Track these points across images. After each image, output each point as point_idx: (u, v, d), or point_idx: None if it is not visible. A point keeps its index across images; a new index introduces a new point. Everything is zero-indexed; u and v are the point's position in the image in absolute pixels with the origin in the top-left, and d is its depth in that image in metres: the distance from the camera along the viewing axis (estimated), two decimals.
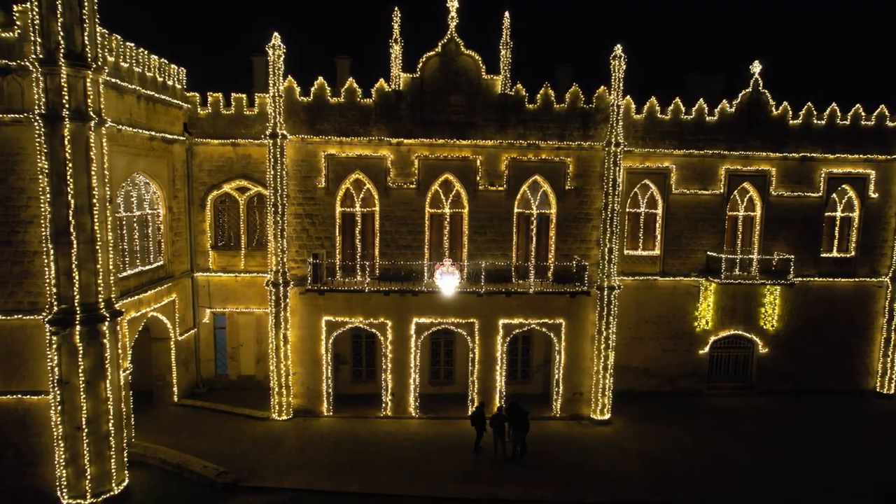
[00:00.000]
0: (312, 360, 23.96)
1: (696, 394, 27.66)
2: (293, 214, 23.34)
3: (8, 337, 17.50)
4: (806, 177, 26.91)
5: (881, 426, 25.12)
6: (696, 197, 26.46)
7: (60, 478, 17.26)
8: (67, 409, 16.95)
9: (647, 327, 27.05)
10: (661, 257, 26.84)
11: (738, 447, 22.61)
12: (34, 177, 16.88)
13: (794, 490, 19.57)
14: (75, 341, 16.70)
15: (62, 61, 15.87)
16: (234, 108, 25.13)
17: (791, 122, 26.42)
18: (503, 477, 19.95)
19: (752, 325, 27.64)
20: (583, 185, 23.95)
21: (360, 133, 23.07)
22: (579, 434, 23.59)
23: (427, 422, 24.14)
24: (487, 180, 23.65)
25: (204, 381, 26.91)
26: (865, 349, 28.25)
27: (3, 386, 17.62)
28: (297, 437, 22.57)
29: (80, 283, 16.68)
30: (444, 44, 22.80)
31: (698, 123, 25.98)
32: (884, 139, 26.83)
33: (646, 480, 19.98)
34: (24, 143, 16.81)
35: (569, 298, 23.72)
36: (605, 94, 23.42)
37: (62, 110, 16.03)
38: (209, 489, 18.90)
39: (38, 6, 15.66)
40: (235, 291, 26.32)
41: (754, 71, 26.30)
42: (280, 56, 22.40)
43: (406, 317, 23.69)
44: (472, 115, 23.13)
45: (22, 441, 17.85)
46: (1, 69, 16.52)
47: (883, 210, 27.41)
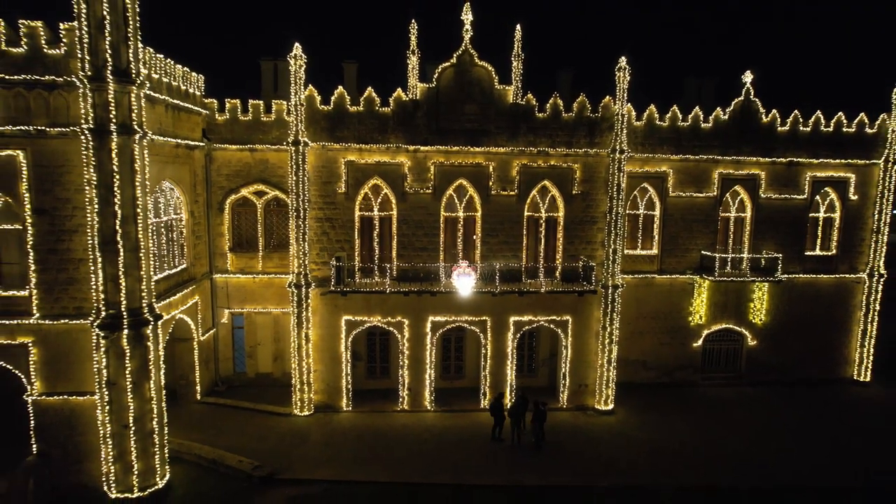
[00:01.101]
0: (332, 358, 25.05)
1: (691, 384, 29.42)
2: (314, 218, 24.31)
3: (55, 341, 18.26)
4: (792, 180, 28.69)
5: (857, 411, 27.12)
6: (692, 199, 28.05)
7: (108, 473, 18.17)
8: (115, 409, 17.82)
9: (646, 322, 28.67)
10: (659, 256, 28.42)
11: (731, 434, 24.33)
12: (79, 188, 17.62)
13: (781, 471, 21.35)
14: (122, 344, 17.57)
15: (110, 78, 16.62)
16: (251, 114, 25.88)
17: (779, 128, 28.11)
18: (520, 465, 21.37)
19: (742, 319, 29.45)
20: (589, 189, 25.36)
21: (378, 140, 24.10)
22: (585, 424, 25.13)
23: (442, 414, 25.45)
24: (499, 185, 24.91)
25: (223, 379, 27.79)
26: (844, 341, 30.30)
27: (51, 387, 18.41)
28: (321, 432, 23.68)
29: (126, 289, 17.53)
30: (458, 55, 23.90)
31: (694, 130, 27.50)
32: (863, 145, 28.71)
33: (651, 466, 21.57)
34: (70, 156, 17.53)
35: (576, 297, 25.17)
36: (610, 103, 24.82)
37: (110, 125, 16.80)
38: (246, 482, 19.95)
39: (86, 25, 16.37)
40: (253, 292, 27.20)
41: (746, 80, 27.88)
42: (301, 66, 23.27)
43: (422, 316, 24.90)
44: (485, 124, 24.32)
45: (68, 440, 18.67)
46: (47, 85, 17.18)
47: (862, 211, 29.37)
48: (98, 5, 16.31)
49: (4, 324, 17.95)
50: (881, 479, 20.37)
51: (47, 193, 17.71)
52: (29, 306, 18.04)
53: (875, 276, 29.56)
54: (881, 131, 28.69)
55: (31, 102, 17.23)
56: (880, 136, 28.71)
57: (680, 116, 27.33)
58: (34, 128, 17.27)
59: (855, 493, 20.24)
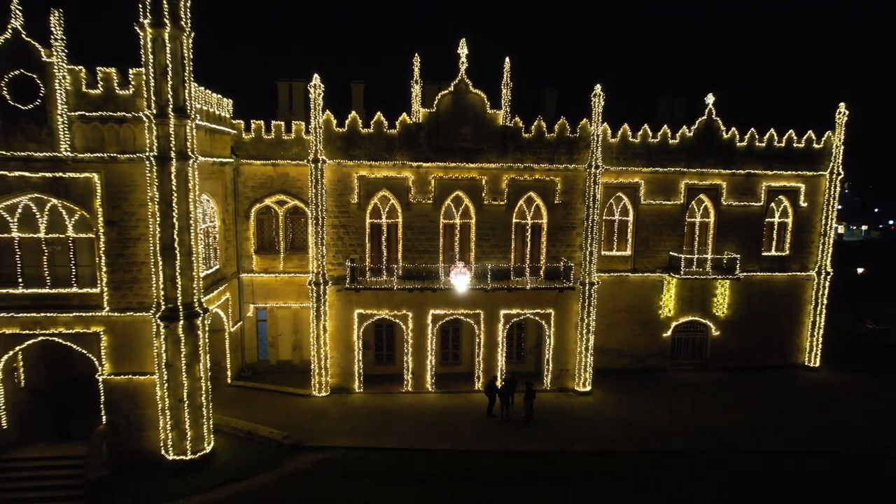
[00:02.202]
0: (346, 346, 28.83)
1: (661, 370, 33.29)
2: (330, 225, 28.06)
3: (121, 330, 21.95)
4: (750, 189, 32.55)
5: (804, 392, 31.09)
6: (661, 207, 31.87)
7: (165, 440, 21.91)
8: (172, 386, 21.55)
9: (620, 315, 32.51)
10: (632, 257, 32.25)
11: (692, 410, 28.22)
12: (143, 203, 21.29)
13: (732, 438, 25.23)
14: (179, 333, 21.29)
15: (171, 114, 20.32)
16: (273, 133, 29.51)
17: (738, 144, 31.95)
18: (508, 435, 25.21)
19: (707, 312, 33.33)
20: (568, 199, 29.19)
21: (386, 158, 27.86)
22: (566, 403, 28.99)
23: (441, 395, 29.26)
24: (491, 196, 28.70)
25: (248, 366, 31.51)
26: (797, 331, 34.23)
27: (117, 368, 22.09)
28: (337, 410, 27.47)
29: (181, 287, 21.24)
30: (455, 84, 27.66)
31: (663, 146, 31.30)
32: (812, 159, 32.59)
33: (619, 436, 25.44)
34: (135, 177, 21.19)
35: (557, 293, 29.01)
36: (587, 125, 28.62)
37: (170, 152, 20.49)
38: (277, 449, 23.71)
39: (152, 71, 20.06)
40: (275, 289, 30.91)
41: (708, 102, 31.67)
42: (320, 94, 26.99)
43: (424, 309, 28.69)
44: (478, 143, 28.10)
45: (132, 412, 22.35)
46: (118, 119, 20.84)
47: (811, 217, 33.26)
48: (162, 55, 20.01)
49: (81, 316, 21.63)
50: (819, 443, 24.40)
51: (116, 208, 21.37)
52: (100, 301, 21.72)
53: (823, 274, 33.50)
54: (827, 147, 32.59)
55: (104, 134, 20.88)
56: (826, 150, 32.62)
57: (650, 134, 31.10)
58: (107, 154, 20.92)
59: (796, 454, 24.12)
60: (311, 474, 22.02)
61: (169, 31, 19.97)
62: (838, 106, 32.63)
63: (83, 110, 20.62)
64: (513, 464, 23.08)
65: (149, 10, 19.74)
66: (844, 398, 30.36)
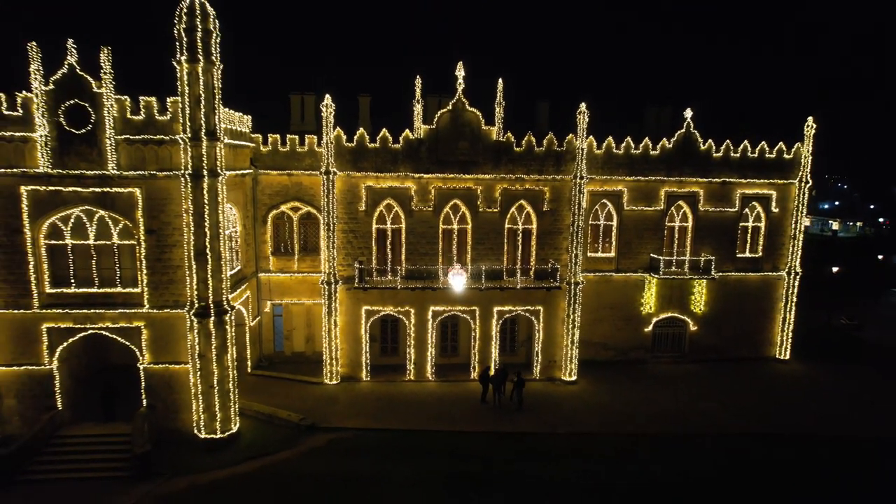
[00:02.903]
0: (354, 339, 31.96)
1: (642, 362, 36.29)
2: (340, 231, 31.13)
3: (159, 325, 25.10)
4: (726, 196, 35.38)
5: (772, 382, 34.05)
6: (643, 212, 34.76)
7: (198, 421, 25.11)
8: (204, 374, 24.72)
9: (605, 311, 35.50)
10: (616, 258, 35.18)
11: (667, 399, 31.21)
12: (178, 214, 24.37)
13: (703, 423, 28.25)
14: (210, 328, 24.44)
15: (203, 137, 23.37)
16: (288, 146, 32.47)
17: (714, 154, 34.75)
18: (500, 419, 28.33)
19: (685, 309, 36.28)
20: (556, 207, 32.14)
21: (390, 170, 30.87)
22: (553, 391, 32.05)
23: (440, 383, 32.38)
24: (486, 204, 31.69)
25: (265, 357, 34.69)
26: (768, 326, 37.15)
27: (155, 358, 25.27)
28: (347, 396, 30.62)
29: (212, 287, 24.37)
30: (453, 103, 30.58)
31: (644, 156, 34.13)
32: (782, 168, 35.38)
33: (598, 421, 28.49)
34: (171, 192, 24.26)
35: (545, 291, 32.01)
36: (573, 139, 31.51)
37: (203, 170, 23.56)
38: (294, 430, 26.87)
39: (188, 100, 23.10)
40: (290, 287, 34.01)
41: (687, 116, 34.45)
42: (331, 112, 29.98)
43: (425, 306, 31.76)
44: (474, 156, 31.06)
45: (167, 397, 25.54)
46: (157, 141, 23.89)
47: (782, 221, 36.08)
48: (196, 86, 23.04)
49: (125, 312, 24.81)
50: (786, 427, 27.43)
51: (155, 219, 24.46)
52: (141, 300, 24.87)
53: (792, 274, 36.38)
54: (796, 157, 35.37)
55: (145, 154, 23.94)
56: (796, 160, 35.40)
57: (633, 146, 33.93)
58: (147, 172, 23.99)
59: (753, 437, 27.10)
60: (325, 451, 25.20)
61: (202, 65, 22.99)
62: (807, 119, 35.38)
63: (128, 134, 23.69)
64: (503, 443, 26.16)
65: (185, 48, 22.76)
66: (808, 388, 33.32)
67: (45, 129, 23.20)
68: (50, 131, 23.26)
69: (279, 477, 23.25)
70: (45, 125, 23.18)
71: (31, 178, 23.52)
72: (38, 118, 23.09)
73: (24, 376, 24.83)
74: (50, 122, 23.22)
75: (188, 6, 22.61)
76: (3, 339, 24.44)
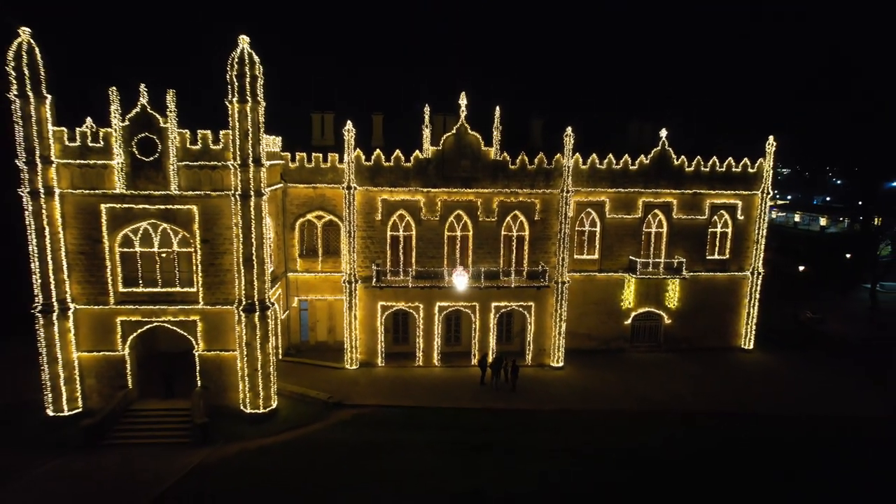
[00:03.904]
0: (371, 330, 37.03)
1: (622, 351, 41.29)
2: (359, 237, 36.10)
3: (211, 318, 30.18)
4: (697, 205, 40.19)
5: (737, 369, 39.02)
6: (623, 220, 39.62)
7: (244, 399, 30.25)
8: (249, 360, 29.82)
9: (590, 307, 40.46)
10: (599, 260, 40.08)
11: (644, 383, 36.18)
12: (228, 227, 29.34)
13: (672, 402, 33.25)
14: (255, 321, 29.51)
15: (250, 164, 28.32)
16: (313, 163, 37.32)
17: (686, 169, 39.51)
18: (496, 398, 33.40)
19: (660, 304, 41.22)
20: (545, 216, 37.05)
21: (403, 185, 35.79)
22: (543, 375, 37.10)
23: (445, 368, 37.47)
24: (485, 214, 36.62)
25: (293, 345, 39.80)
26: (734, 320, 42.09)
27: (208, 346, 30.38)
28: (365, 379, 35.74)
29: (257, 287, 29.42)
30: (457, 128, 35.44)
31: (624, 171, 38.93)
32: (747, 181, 40.14)
33: (579, 399, 33.54)
34: (222, 208, 29.23)
35: (536, 290, 37.01)
36: (560, 158, 36.36)
37: (250, 191, 28.53)
38: (323, 406, 32.00)
39: (238, 133, 28.02)
40: (314, 285, 39.04)
41: (662, 135, 39.15)
42: (352, 136, 34.86)
43: (432, 302, 36.78)
44: (474, 173, 35.95)
45: (218, 378, 30.67)
46: (211, 167, 28.83)
47: (747, 227, 40.90)
48: (244, 122, 27.96)
49: (184, 307, 29.89)
50: (739, 406, 32.43)
51: (209, 230, 29.46)
52: (197, 298, 29.94)
53: (755, 274, 41.26)
54: (759, 171, 40.14)
55: (201, 177, 28.89)
56: (759, 174, 40.17)
57: (614, 161, 38.71)
58: (203, 192, 28.97)
59: (708, 414, 32.10)
60: (350, 424, 30.36)
61: (249, 105, 27.92)
62: (768, 138, 40.12)
63: (187, 161, 28.67)
64: (498, 417, 31.25)
65: (236, 91, 27.68)
66: (765, 374, 38.29)
67: (121, 157, 28.20)
68: (125, 159, 28.26)
69: (313, 444, 28.39)
70: (121, 154, 28.18)
71: (109, 198, 28.56)
72: (116, 149, 28.08)
73: (102, 361, 30.02)
74: (125, 152, 28.22)
75: (238, 56, 27.51)
76: (85, 330, 29.59)
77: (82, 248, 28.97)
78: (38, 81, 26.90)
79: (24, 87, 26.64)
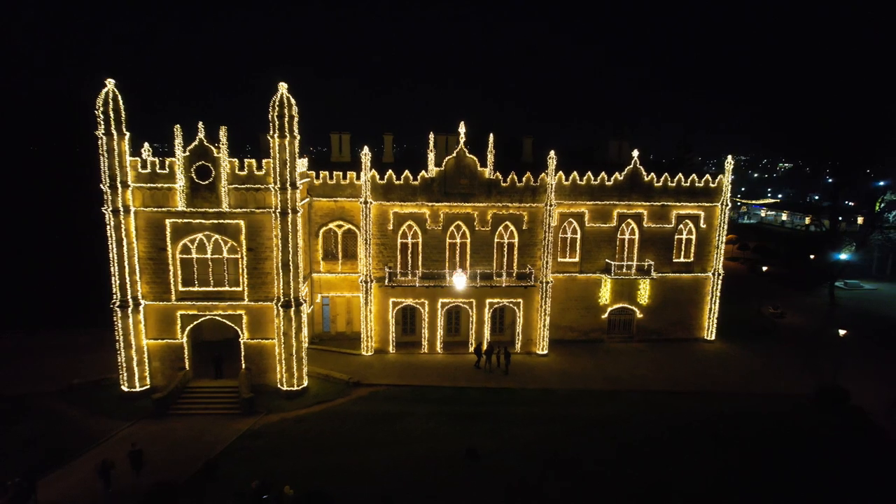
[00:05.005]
0: (384, 322, 43.61)
1: (600, 341, 47.75)
2: (374, 244, 42.61)
3: (254, 312, 36.77)
4: (664, 215, 46.50)
5: (698, 356, 45.43)
6: (600, 228, 45.98)
7: (280, 379, 36.88)
8: (285, 346, 36.43)
9: (571, 303, 46.91)
10: (580, 262, 46.47)
11: (616, 367, 42.65)
12: (269, 237, 35.87)
13: (637, 383, 39.70)
14: (291, 315, 36.09)
15: (288, 187, 34.81)
16: (335, 180, 43.80)
17: (656, 184, 45.79)
18: (489, 379, 39.95)
19: (633, 301, 47.62)
20: (532, 226, 43.47)
21: (411, 200, 42.24)
22: (530, 361, 43.62)
23: (446, 355, 44.03)
24: (480, 224, 43.05)
25: (316, 335, 46.43)
26: (698, 314, 48.48)
27: (252, 335, 37.00)
28: (379, 363, 42.33)
29: (292, 287, 35.98)
30: (457, 151, 41.84)
31: (602, 186, 45.25)
32: (708, 194, 46.40)
33: (558, 380, 40.05)
34: (264, 222, 35.75)
35: (524, 288, 43.48)
36: (545, 177, 42.72)
37: (287, 209, 35.03)
38: (345, 385, 38.61)
39: (277, 163, 34.50)
40: (335, 284, 45.60)
41: (634, 155, 45.44)
42: (368, 160, 41.29)
43: (436, 298, 43.31)
44: (472, 190, 42.37)
45: (259, 362, 37.31)
46: (255, 189, 35.32)
47: (708, 234, 47.22)
48: (283, 153, 34.43)
49: (232, 304, 36.49)
50: (693, 386, 38.84)
51: (253, 240, 35.99)
52: (243, 296, 36.53)
53: (716, 275, 47.60)
54: (719, 186, 46.39)
55: (247, 197, 35.40)
56: (719, 188, 46.43)
57: (593, 178, 45.02)
58: (249, 209, 35.48)
59: (666, 393, 38.53)
60: (367, 399, 36.96)
61: (287, 140, 34.38)
62: (727, 156, 46.36)
63: (236, 184, 35.18)
64: (489, 394, 37.80)
65: (276, 128, 34.14)
66: (722, 360, 44.67)
67: (182, 181, 34.73)
68: (185, 183, 34.79)
69: (339, 414, 34.99)
70: (182, 179, 34.71)
71: (173, 214, 35.12)
72: (178, 174, 34.62)
73: (164, 347, 36.69)
74: (185, 177, 34.74)
75: (278, 100, 33.95)
76: (152, 322, 36.26)
77: (150, 255, 35.57)
78: (119, 122, 33.40)
79: (110, 127, 33.16)
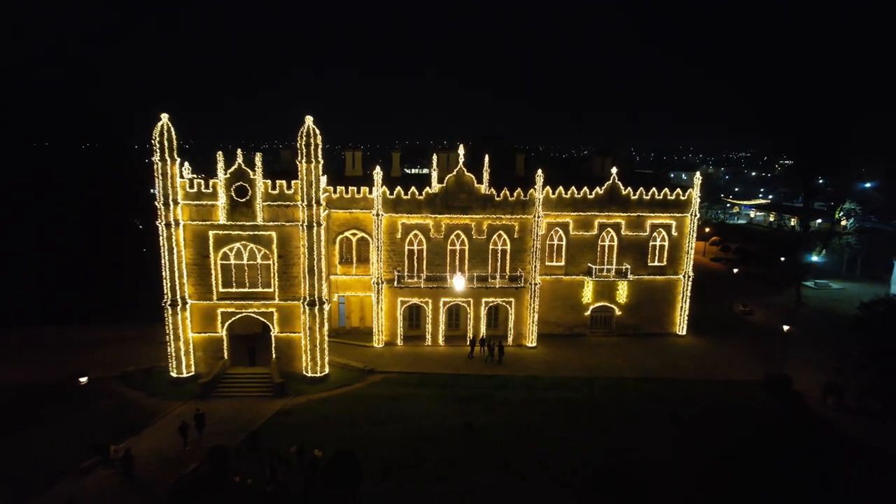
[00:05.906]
0: (393, 318, 49.94)
1: (583, 336, 53.99)
2: (385, 250, 48.91)
3: (284, 310, 43.09)
4: (640, 224, 52.65)
5: (668, 349, 51.63)
6: (583, 236, 52.17)
7: (306, 367, 43.25)
8: (310, 339, 42.78)
9: (558, 301, 53.16)
10: (565, 266, 52.69)
11: (595, 358, 48.90)
12: (297, 247, 42.15)
13: (611, 371, 45.94)
14: (315, 312, 42.43)
15: (314, 204, 41.10)
16: (350, 194, 49.99)
17: (632, 197, 51.91)
18: (484, 367, 46.27)
19: (612, 300, 53.84)
20: (522, 235, 49.73)
21: (417, 212, 48.51)
22: (520, 352, 49.92)
23: (448, 347, 50.38)
24: (477, 233, 49.33)
25: (334, 329, 52.66)
26: (671, 312, 54.69)
27: (281, 330, 43.32)
28: (389, 354, 48.68)
29: (317, 289, 42.30)
30: (457, 171, 48.07)
31: (584, 199, 51.39)
32: (680, 206, 52.51)
33: (545, 368, 46.33)
34: (293, 234, 42.03)
35: (515, 289, 49.77)
36: (534, 192, 48.94)
37: (313, 223, 41.32)
38: (360, 372, 44.96)
39: (304, 184, 40.77)
40: (350, 285, 51.91)
41: (612, 172, 51.54)
42: (380, 177, 47.53)
43: (438, 297, 49.61)
44: (469, 203, 48.62)
45: (287, 352, 43.66)
46: (285, 205, 41.60)
47: (679, 241, 53.37)
48: (310, 176, 40.70)
49: (265, 303, 42.83)
50: (659, 373, 45.14)
51: (283, 248, 42.28)
52: (274, 296, 42.86)
53: (686, 277, 53.80)
54: (689, 198, 52.53)
55: (278, 212, 41.69)
56: (689, 201, 52.56)
57: (576, 192, 51.15)
58: (279, 223, 41.76)
59: (637, 380, 44.76)
60: (380, 384, 43.32)
61: (313, 164, 40.65)
62: (696, 172, 52.46)
63: (269, 201, 41.46)
64: (484, 380, 44.10)
65: (304, 154, 40.40)
66: (689, 352, 50.88)
67: (223, 199, 41.02)
68: (226, 200, 41.08)
69: (356, 396, 41.35)
70: (223, 197, 40.99)
71: (215, 226, 41.43)
72: (220, 193, 40.90)
73: (206, 339, 43.08)
74: (226, 195, 41.02)
75: (305, 131, 40.18)
76: (197, 318, 42.64)
77: (196, 261, 41.90)
78: (172, 150, 39.67)
79: (164, 154, 39.45)
